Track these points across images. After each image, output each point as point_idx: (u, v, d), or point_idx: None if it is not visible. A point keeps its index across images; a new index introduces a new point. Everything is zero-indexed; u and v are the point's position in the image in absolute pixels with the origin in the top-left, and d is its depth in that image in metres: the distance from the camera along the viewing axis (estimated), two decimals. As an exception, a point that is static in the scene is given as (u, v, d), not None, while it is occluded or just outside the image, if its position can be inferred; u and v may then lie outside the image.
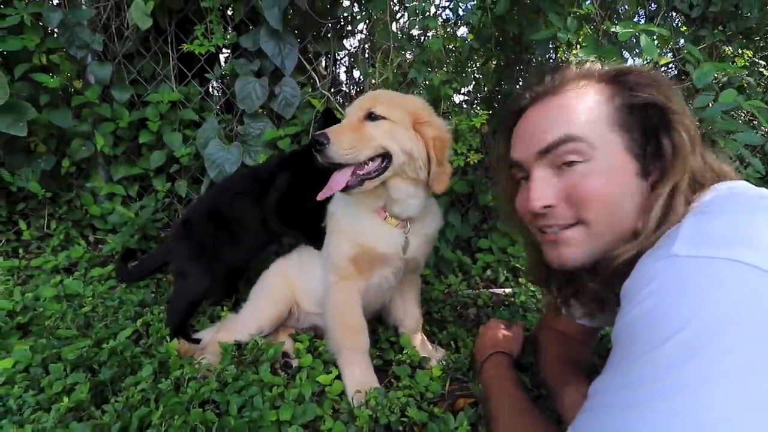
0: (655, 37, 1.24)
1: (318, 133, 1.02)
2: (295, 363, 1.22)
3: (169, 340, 1.25)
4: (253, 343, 1.21)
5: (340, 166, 1.04)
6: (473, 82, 1.79)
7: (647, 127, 0.72)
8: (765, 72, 2.25)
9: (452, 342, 1.34)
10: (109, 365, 1.11)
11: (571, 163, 0.73)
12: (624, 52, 1.18)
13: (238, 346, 1.24)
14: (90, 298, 1.56)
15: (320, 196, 1.06)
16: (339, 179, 1.04)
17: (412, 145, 1.06)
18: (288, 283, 1.38)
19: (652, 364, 0.50)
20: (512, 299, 1.69)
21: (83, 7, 1.91)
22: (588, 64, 0.81)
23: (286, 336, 1.36)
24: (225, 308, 1.54)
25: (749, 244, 0.50)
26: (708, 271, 0.50)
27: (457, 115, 1.55)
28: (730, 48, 2.11)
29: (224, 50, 2.15)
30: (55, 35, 1.87)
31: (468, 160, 1.51)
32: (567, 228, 0.75)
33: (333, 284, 1.19)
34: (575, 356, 1.08)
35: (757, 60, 2.23)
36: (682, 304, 0.50)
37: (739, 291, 0.48)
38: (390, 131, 1.05)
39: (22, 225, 1.93)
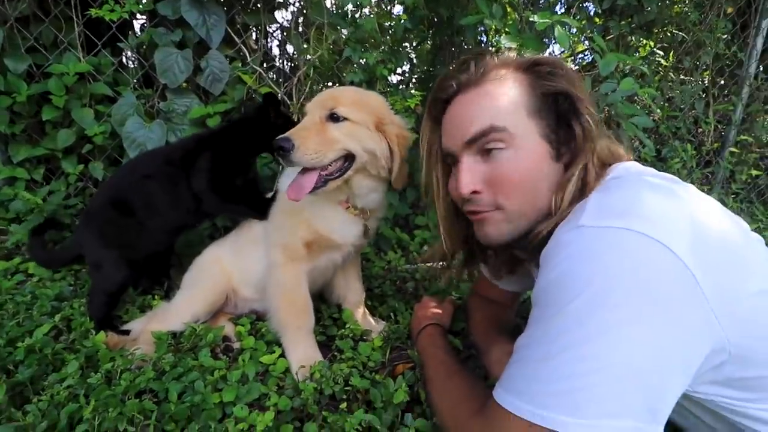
0: (569, 28, 1.36)
1: (282, 138, 1.01)
2: (236, 345, 1.22)
3: (94, 333, 1.18)
4: (191, 330, 1.19)
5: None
6: (408, 63, 1.82)
7: (558, 114, 0.80)
8: (662, 61, 2.56)
9: (392, 314, 1.41)
10: (27, 364, 1.02)
11: (493, 150, 0.79)
12: (544, 40, 1.28)
13: (174, 334, 1.20)
14: (-5, 295, 1.40)
15: (290, 197, 1.05)
16: (307, 182, 1.05)
17: (375, 145, 1.09)
18: (223, 270, 1.36)
19: (562, 320, 0.59)
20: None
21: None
22: (506, 54, 0.88)
23: (225, 320, 1.34)
24: (156, 297, 1.47)
25: (638, 216, 0.60)
26: (606, 238, 0.60)
27: (392, 96, 1.58)
28: (634, 38, 2.36)
29: (139, 16, 1.96)
30: None
31: (403, 140, 1.56)
32: (487, 212, 0.83)
33: (280, 264, 1.20)
34: (500, 318, 1.21)
35: (656, 50, 2.52)
36: (586, 268, 0.59)
37: (629, 253, 0.57)
38: (353, 133, 1.07)
39: None
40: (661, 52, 2.50)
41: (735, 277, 0.61)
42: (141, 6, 1.68)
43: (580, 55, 2.41)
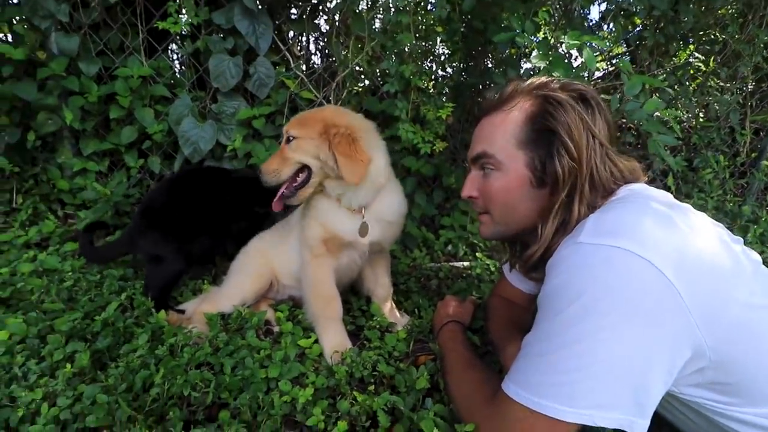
0: (598, 45, 1.41)
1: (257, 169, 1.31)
2: (276, 329, 1.37)
3: (155, 312, 1.35)
4: (237, 313, 1.34)
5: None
6: (441, 73, 1.90)
7: (545, 148, 0.90)
8: (702, 66, 2.52)
9: (416, 310, 1.52)
10: (104, 335, 1.20)
11: (487, 169, 0.98)
12: (571, 58, 1.34)
13: (222, 315, 1.36)
14: (69, 273, 1.61)
15: (273, 209, 1.31)
16: (278, 196, 1.30)
17: (318, 151, 1.23)
18: (266, 259, 1.51)
19: (560, 322, 0.69)
20: (469, 272, 1.90)
21: (42, -28, 1.82)
22: (532, 79, 0.99)
23: (266, 306, 1.49)
24: (206, 282, 1.65)
25: (628, 236, 0.69)
26: (599, 254, 0.70)
27: (425, 105, 1.67)
28: (672, 46, 2.34)
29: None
30: (14, 2, 1.79)
31: (434, 147, 1.66)
32: (481, 214, 1.05)
33: (308, 261, 1.34)
34: (518, 319, 1.29)
35: (696, 54, 2.47)
36: (580, 279, 0.69)
37: (617, 268, 0.67)
38: (300, 147, 1.26)
39: (-12, 199, 1.90)
40: (701, 57, 2.46)
41: (718, 292, 0.69)
42: (199, 18, 1.84)
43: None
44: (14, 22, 1.84)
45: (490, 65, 1.91)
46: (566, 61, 1.32)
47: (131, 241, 1.59)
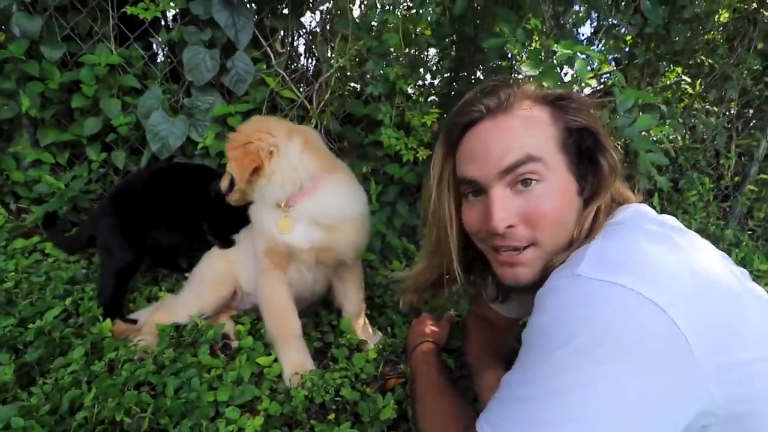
0: (590, 56, 1.35)
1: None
2: (234, 344, 1.25)
3: (101, 320, 1.23)
4: (193, 325, 1.22)
5: None
6: (428, 79, 1.83)
7: (581, 149, 0.79)
8: (689, 89, 2.52)
9: (389, 327, 1.42)
10: (36, 346, 1.07)
11: (527, 182, 0.74)
12: (562, 69, 1.28)
13: (177, 327, 1.24)
14: (12, 273, 1.46)
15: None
16: None
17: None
18: (229, 266, 1.40)
19: (545, 366, 0.60)
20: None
21: (5, -53, 1.69)
22: (531, 86, 0.84)
23: (227, 318, 1.37)
24: (163, 288, 1.52)
25: (634, 271, 0.59)
26: (599, 292, 0.59)
27: (411, 110, 1.60)
28: (661, 65, 2.32)
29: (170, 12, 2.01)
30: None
31: (418, 155, 1.58)
32: (523, 249, 0.77)
33: (259, 276, 1.27)
34: (496, 342, 1.21)
35: (683, 77, 2.47)
36: (575, 318, 0.59)
37: (619, 311, 0.57)
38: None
39: (-69, 190, 1.74)
40: (688, 79, 2.46)
41: (731, 340, 0.60)
42: (174, 5, 1.74)
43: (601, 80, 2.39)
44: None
45: (480, 74, 1.85)
46: (558, 71, 1.26)
47: (93, 223, 1.50)
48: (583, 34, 2.19)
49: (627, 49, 2.19)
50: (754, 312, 0.66)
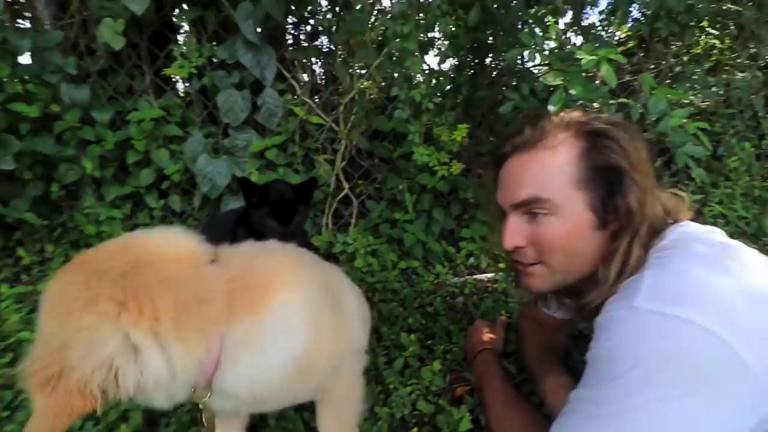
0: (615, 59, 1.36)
1: None
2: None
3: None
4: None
5: None
6: (450, 90, 1.87)
7: (608, 186, 0.84)
8: (717, 43, 2.42)
9: (446, 334, 1.53)
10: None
11: (535, 215, 0.86)
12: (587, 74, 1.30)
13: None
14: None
15: None
16: None
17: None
18: None
19: (616, 387, 0.68)
20: (494, 286, 1.89)
21: (47, 27, 1.85)
22: (572, 114, 0.90)
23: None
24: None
25: (694, 304, 0.66)
26: (662, 325, 0.66)
27: (438, 126, 1.66)
28: (686, 36, 2.23)
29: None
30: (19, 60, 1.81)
31: (451, 170, 1.65)
32: (531, 265, 0.91)
33: None
34: (552, 343, 1.28)
35: (709, 31, 2.37)
36: (637, 347, 0.67)
37: (681, 342, 0.64)
38: None
39: (22, 252, 1.96)
40: (715, 32, 2.35)
41: None
42: (203, 59, 1.85)
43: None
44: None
45: (496, 75, 1.88)
46: (583, 74, 1.29)
47: None
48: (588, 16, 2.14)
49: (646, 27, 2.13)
50: None
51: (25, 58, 1.79)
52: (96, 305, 0.60)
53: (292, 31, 2.21)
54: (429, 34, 1.90)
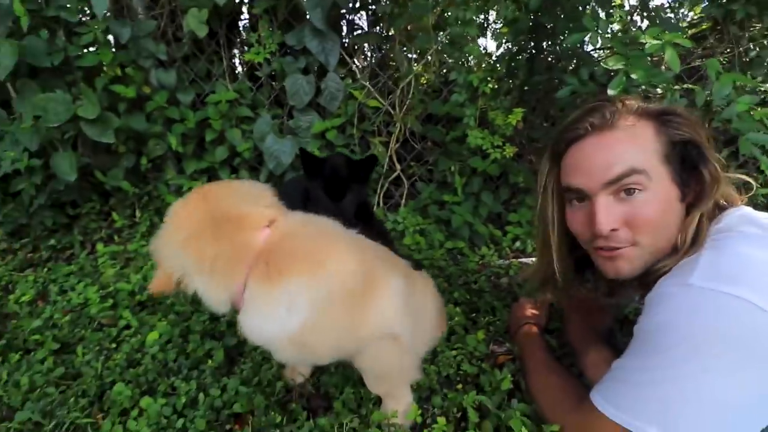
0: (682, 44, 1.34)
1: None
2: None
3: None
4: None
5: None
6: (505, 74, 1.90)
7: (684, 160, 0.87)
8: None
9: (491, 309, 1.62)
10: (229, 334, 1.45)
11: (631, 191, 0.84)
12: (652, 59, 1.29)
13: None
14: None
15: None
16: None
17: None
18: None
19: (663, 359, 0.73)
20: (540, 268, 1.94)
21: (140, 16, 2.09)
22: (635, 102, 0.93)
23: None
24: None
25: (749, 283, 0.69)
26: (713, 301, 0.70)
27: (493, 110, 1.71)
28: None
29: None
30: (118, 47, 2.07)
31: (505, 153, 1.70)
32: (623, 248, 0.88)
33: None
34: (595, 322, 1.33)
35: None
36: (689, 323, 0.71)
37: (733, 317, 0.68)
38: None
39: (115, 216, 2.27)
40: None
41: None
42: (275, 45, 2.01)
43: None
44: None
45: (554, 60, 1.88)
46: (646, 59, 1.29)
47: None
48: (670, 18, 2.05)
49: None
50: None
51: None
52: (188, 242, 0.93)
53: (352, 17, 2.31)
54: (485, 17, 1.94)
